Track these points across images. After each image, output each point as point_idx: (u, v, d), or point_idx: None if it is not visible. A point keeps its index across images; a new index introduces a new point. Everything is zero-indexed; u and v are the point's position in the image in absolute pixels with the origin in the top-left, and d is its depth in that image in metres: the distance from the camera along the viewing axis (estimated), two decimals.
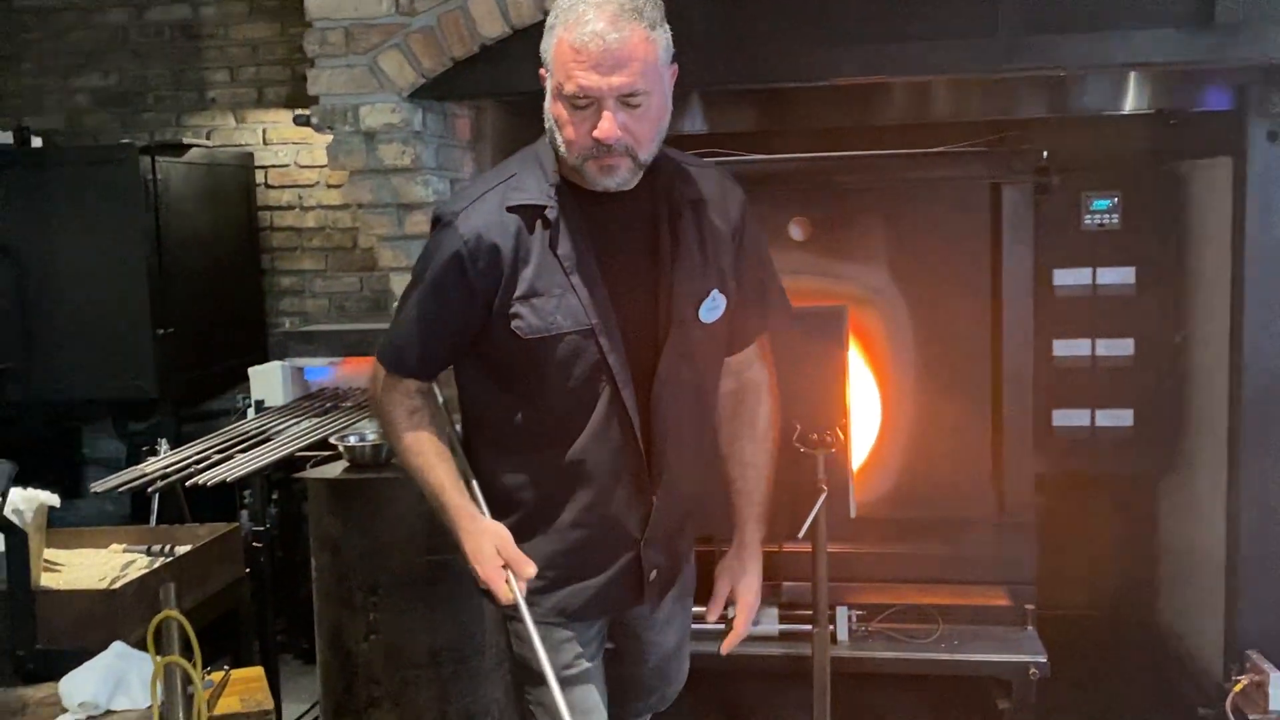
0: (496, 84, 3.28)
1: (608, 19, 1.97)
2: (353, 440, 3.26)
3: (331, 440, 3.40)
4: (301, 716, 4.01)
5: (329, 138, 4.01)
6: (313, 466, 3.39)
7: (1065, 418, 3.69)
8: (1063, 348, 3.67)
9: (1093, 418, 3.69)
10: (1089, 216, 3.64)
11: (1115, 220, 3.63)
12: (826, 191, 3.62)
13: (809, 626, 3.21)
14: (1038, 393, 3.56)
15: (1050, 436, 3.67)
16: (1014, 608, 3.53)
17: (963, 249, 3.58)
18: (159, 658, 2.54)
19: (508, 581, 2.14)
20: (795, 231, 3.55)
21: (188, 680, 2.47)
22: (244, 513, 4.16)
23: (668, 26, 2.05)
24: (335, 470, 3.23)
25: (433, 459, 2.32)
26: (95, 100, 5.41)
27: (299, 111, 4.62)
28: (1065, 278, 3.65)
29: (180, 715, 2.41)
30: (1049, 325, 3.62)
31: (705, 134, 3.75)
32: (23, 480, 3.67)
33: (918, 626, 3.54)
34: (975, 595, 3.58)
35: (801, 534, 3.06)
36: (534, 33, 3.15)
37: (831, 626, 3.31)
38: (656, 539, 2.32)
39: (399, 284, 3.59)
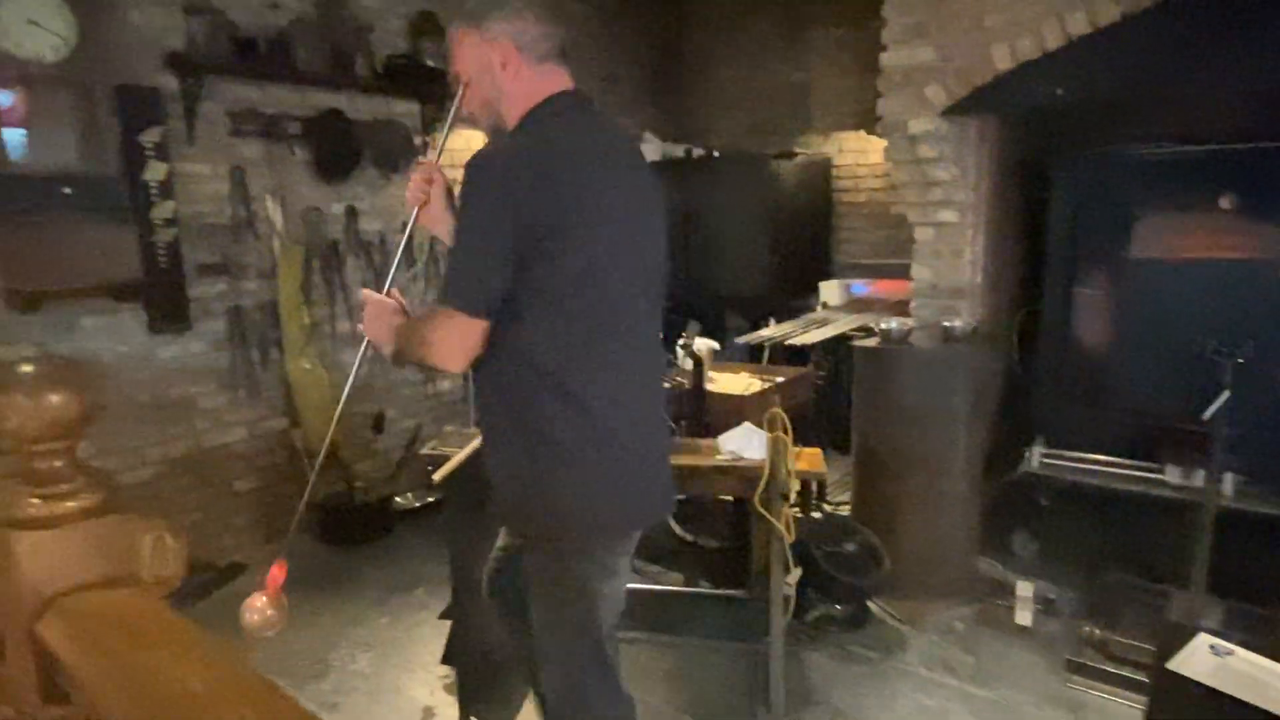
0: (1002, 103, 2.90)
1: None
2: (883, 325, 3.13)
3: (869, 325, 3.29)
4: (836, 480, 3.98)
5: (884, 142, 3.83)
6: (859, 341, 3.29)
7: None
8: None
9: None
10: None
11: None
12: (1252, 172, 2.82)
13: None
14: None
15: None
16: None
17: None
18: (771, 434, 2.63)
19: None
20: (1223, 203, 2.78)
21: (786, 447, 2.53)
22: (813, 365, 4.19)
23: (496, 16, 1.44)
24: (872, 342, 3.13)
25: None
26: (744, 128, 5.53)
27: (870, 131, 4.43)
28: None
29: (781, 464, 2.48)
30: None
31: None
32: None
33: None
34: None
35: (1207, 415, 2.47)
36: (1032, 65, 2.78)
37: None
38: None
39: (919, 234, 3.36)
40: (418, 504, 3.92)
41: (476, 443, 2.46)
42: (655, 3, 5.54)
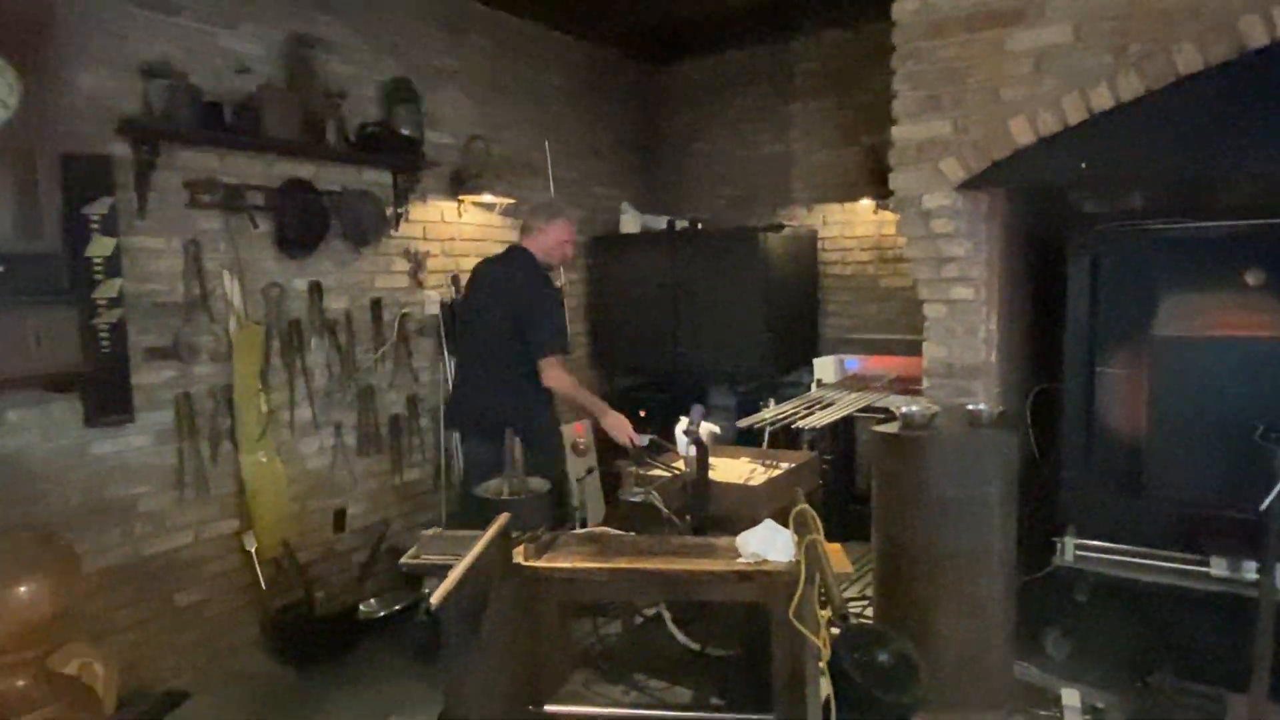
0: (1024, 176, 2.86)
1: None
2: (905, 409, 2.99)
3: (891, 408, 3.14)
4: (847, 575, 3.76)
5: (871, 214, 3.86)
6: (876, 426, 3.13)
7: None
8: None
9: None
10: None
11: None
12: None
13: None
14: None
15: None
16: None
17: None
18: (802, 536, 2.43)
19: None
20: (1250, 279, 2.75)
21: (824, 549, 2.34)
22: (807, 445, 4.04)
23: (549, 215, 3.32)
24: (893, 427, 2.97)
25: (588, 394, 3.34)
26: (728, 201, 5.52)
27: (880, 201, 4.40)
28: None
29: (819, 568, 2.28)
30: None
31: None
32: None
33: None
34: None
35: (1265, 505, 2.36)
36: (1053, 141, 2.75)
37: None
38: None
39: (931, 310, 3.27)
40: (383, 612, 3.58)
41: (475, 552, 2.21)
42: (635, 78, 5.56)
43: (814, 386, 4.50)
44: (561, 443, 3.75)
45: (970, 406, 2.93)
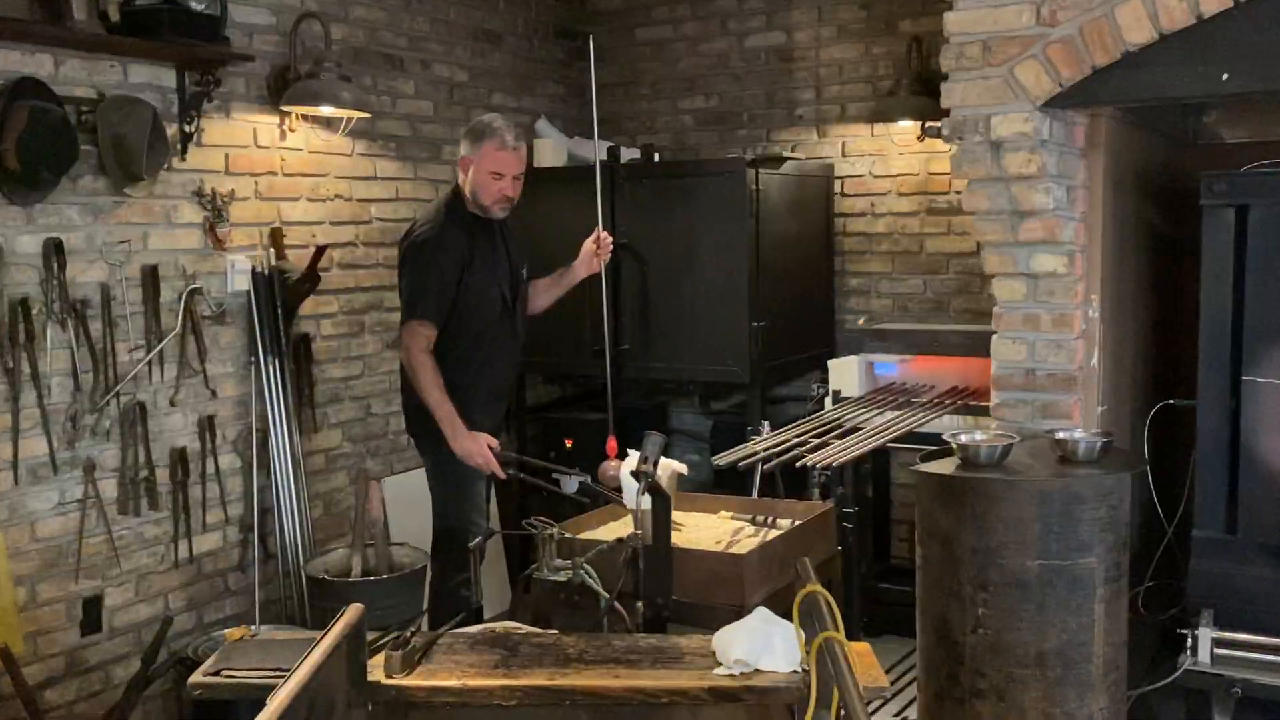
0: (1137, 90, 2.95)
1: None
2: (964, 438, 3.05)
3: (945, 437, 3.20)
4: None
5: (922, 146, 4.03)
6: (921, 463, 3.20)
7: None
8: None
9: None
10: None
11: None
12: None
13: None
14: None
15: None
16: None
17: None
18: (812, 632, 2.48)
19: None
20: None
21: (845, 651, 2.39)
22: (818, 493, 4.10)
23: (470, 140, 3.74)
24: (949, 466, 3.04)
25: (440, 394, 3.60)
26: (698, 120, 5.58)
27: (930, 124, 4.49)
28: None
29: (838, 680, 2.32)
30: None
31: None
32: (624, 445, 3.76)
33: None
34: None
35: None
36: (1182, 37, 2.85)
37: None
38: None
39: (1003, 290, 3.36)
40: None
41: (308, 667, 2.20)
42: None
43: (828, 402, 4.59)
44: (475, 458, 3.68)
45: (1061, 434, 3.01)
